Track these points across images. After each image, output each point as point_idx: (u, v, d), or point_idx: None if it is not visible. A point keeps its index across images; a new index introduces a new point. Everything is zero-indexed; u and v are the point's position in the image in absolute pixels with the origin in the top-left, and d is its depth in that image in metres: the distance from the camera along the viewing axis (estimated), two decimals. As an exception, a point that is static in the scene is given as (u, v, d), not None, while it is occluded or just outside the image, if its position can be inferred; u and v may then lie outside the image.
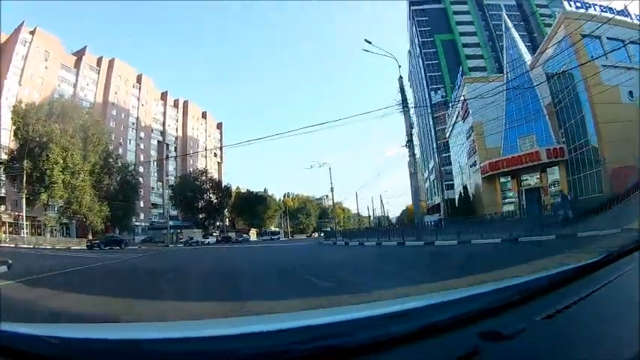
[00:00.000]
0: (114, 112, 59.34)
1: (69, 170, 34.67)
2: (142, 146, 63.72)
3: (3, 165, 37.01)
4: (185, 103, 75.27)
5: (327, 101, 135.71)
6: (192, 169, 63.68)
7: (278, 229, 68.60)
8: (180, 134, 73.52)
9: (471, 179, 34.97)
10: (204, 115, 79.83)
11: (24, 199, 34.16)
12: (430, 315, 1.16)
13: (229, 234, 52.18)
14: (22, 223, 36.46)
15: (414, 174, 19.54)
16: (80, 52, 56.69)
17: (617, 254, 1.63)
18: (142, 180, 51.85)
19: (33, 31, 49.25)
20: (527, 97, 27.88)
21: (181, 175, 62.63)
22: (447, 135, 46.24)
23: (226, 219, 65.54)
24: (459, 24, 57.14)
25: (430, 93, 55.64)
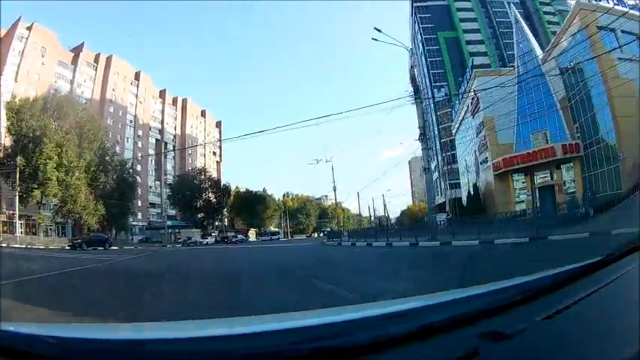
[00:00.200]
0: (111, 109, 58.09)
1: (63, 167, 33.64)
2: (139, 144, 62.48)
3: None
4: (184, 101, 74.14)
5: (327, 101, 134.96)
6: (190, 167, 62.74)
7: (277, 229, 67.71)
8: (179, 132, 72.32)
9: (481, 177, 33.82)
10: (203, 114, 78.71)
11: (17, 196, 33.07)
12: (429, 315, 1.14)
13: (228, 234, 51.27)
14: (16, 222, 35.31)
15: (427, 169, 18.52)
16: (78, 49, 55.57)
17: (617, 254, 1.60)
18: (139, 178, 50.88)
19: (30, 27, 48.27)
20: (539, 91, 26.92)
21: (180, 174, 61.50)
22: (453, 132, 45.23)
23: (225, 219, 64.54)
24: (462, 21, 56.41)
25: (433, 91, 54.76)
